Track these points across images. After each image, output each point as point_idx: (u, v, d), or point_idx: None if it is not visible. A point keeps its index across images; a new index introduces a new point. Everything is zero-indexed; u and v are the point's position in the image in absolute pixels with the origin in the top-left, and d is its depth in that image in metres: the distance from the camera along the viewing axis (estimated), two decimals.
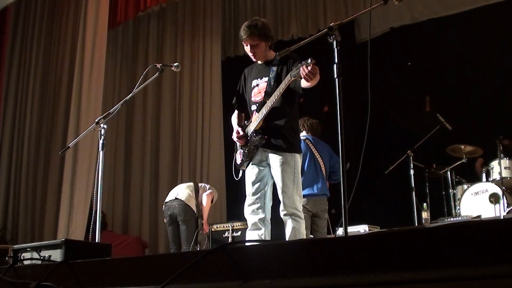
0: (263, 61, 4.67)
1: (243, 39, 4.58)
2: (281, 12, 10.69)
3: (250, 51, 4.62)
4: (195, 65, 10.58)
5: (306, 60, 3.95)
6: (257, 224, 4.45)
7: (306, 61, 3.94)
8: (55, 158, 8.44)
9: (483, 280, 1.31)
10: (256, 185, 4.51)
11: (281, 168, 4.37)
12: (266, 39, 4.59)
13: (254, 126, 4.51)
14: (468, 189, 6.89)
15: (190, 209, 7.41)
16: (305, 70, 3.92)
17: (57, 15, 9.33)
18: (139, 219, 10.22)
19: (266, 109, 4.41)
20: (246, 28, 4.54)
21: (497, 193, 6.55)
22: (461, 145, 7.43)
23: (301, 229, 4.37)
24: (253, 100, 4.61)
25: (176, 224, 7.48)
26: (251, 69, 4.80)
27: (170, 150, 10.36)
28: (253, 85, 4.66)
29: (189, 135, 10.36)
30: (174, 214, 7.42)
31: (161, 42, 10.80)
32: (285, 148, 4.42)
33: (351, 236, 1.70)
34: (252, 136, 4.51)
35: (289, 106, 4.50)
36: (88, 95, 8.47)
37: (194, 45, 10.64)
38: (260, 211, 4.46)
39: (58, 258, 3.41)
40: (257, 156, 4.52)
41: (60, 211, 8.01)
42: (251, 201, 4.50)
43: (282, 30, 10.50)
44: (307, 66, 3.91)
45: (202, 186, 7.85)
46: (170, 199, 7.57)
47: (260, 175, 4.52)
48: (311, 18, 10.20)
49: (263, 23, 4.60)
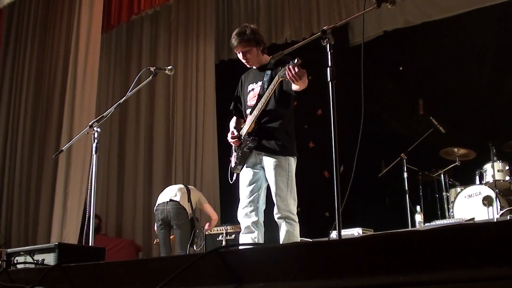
0: (257, 66, 4.69)
1: (234, 47, 4.63)
2: (274, 15, 10.69)
3: (243, 58, 4.65)
4: (188, 68, 10.57)
5: (292, 60, 3.96)
6: (250, 227, 4.45)
7: (293, 61, 3.95)
8: (49, 162, 8.41)
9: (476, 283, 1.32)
10: (250, 188, 4.51)
11: (275, 171, 4.37)
12: (257, 44, 4.61)
13: (247, 128, 4.52)
14: (462, 191, 6.90)
15: (184, 211, 7.35)
16: (290, 70, 3.93)
17: (51, 18, 9.31)
18: (133, 223, 10.19)
19: (257, 111, 4.43)
20: (236, 36, 4.58)
21: (490, 195, 6.56)
22: (454, 148, 7.43)
23: (295, 232, 4.36)
24: (248, 104, 4.63)
25: (169, 228, 7.42)
26: (247, 75, 4.82)
27: (164, 154, 10.34)
28: (249, 89, 4.68)
29: (182, 138, 10.34)
30: (167, 217, 7.31)
31: (155, 45, 10.78)
32: (279, 151, 4.42)
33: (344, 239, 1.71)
34: (245, 138, 4.52)
35: (283, 108, 4.50)
36: (82, 99, 8.45)
37: (188, 48, 10.63)
38: (253, 214, 4.46)
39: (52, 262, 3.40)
40: (251, 159, 4.53)
41: (54, 215, 7.99)
42: (244, 204, 4.50)
43: (276, 34, 10.50)
44: (293, 66, 3.92)
45: (191, 188, 7.79)
46: (163, 202, 7.45)
47: (254, 178, 4.52)
48: (305, 22, 10.21)
49: (252, 29, 4.63)
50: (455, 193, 7.04)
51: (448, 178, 7.48)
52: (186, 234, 7.33)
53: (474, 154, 7.46)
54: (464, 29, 8.76)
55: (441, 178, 7.51)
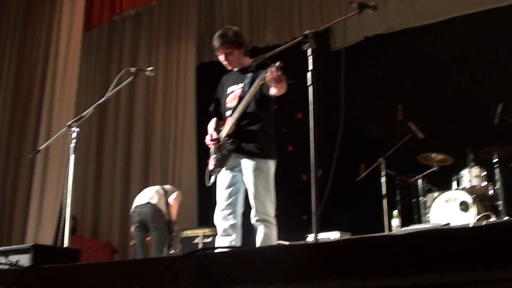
0: (238, 68, 4.69)
1: (216, 49, 4.63)
2: (257, 18, 10.70)
3: (224, 60, 4.65)
4: (169, 69, 10.54)
5: (274, 64, 3.97)
6: (228, 230, 4.42)
7: (274, 64, 3.96)
8: (26, 161, 8.31)
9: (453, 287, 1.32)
10: (228, 190, 4.49)
11: (253, 174, 4.36)
12: (239, 47, 4.61)
13: (227, 131, 4.51)
14: (438, 197, 6.94)
15: (162, 214, 7.31)
16: (271, 74, 3.94)
17: (31, 17, 9.20)
18: (109, 224, 10.12)
19: (238, 113, 4.42)
20: (218, 38, 4.58)
21: (466, 201, 6.62)
22: (432, 153, 7.48)
23: (272, 236, 4.35)
24: (228, 106, 4.62)
25: (145, 230, 7.38)
26: (228, 77, 4.81)
27: (142, 155, 10.29)
28: (229, 91, 4.67)
29: (161, 140, 10.30)
30: (145, 220, 7.29)
31: (136, 46, 10.73)
32: (258, 153, 4.41)
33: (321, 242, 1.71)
34: (225, 140, 4.50)
35: (263, 111, 4.50)
36: (61, 98, 8.38)
37: (169, 49, 10.60)
38: (231, 217, 4.44)
39: (27, 263, 3.36)
40: (230, 161, 4.51)
41: (29, 215, 7.90)
42: (222, 207, 4.48)
43: (258, 37, 10.50)
44: (274, 69, 3.93)
45: (168, 189, 7.74)
46: (140, 203, 7.41)
47: (233, 181, 4.50)
48: (287, 26, 10.23)
49: (234, 31, 4.63)
50: (432, 198, 7.09)
51: (425, 183, 7.54)
52: (163, 237, 7.30)
53: (451, 160, 7.52)
54: (444, 36, 8.84)
55: (418, 183, 7.56)
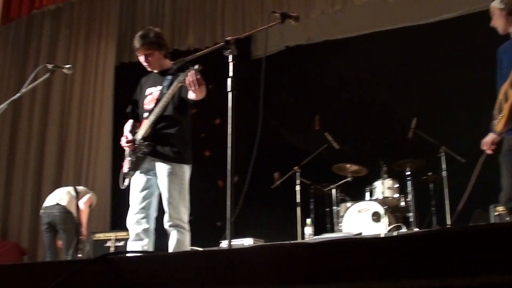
0: (158, 70, 4.64)
1: (137, 49, 4.57)
2: (179, 20, 10.62)
3: (145, 61, 4.60)
4: (87, 68, 10.31)
5: (193, 66, 3.97)
6: (140, 234, 4.36)
7: (193, 67, 3.96)
8: None
9: None
10: (142, 194, 4.43)
11: (168, 178, 4.33)
12: (160, 48, 4.57)
13: (143, 133, 4.45)
14: (351, 207, 7.10)
15: (71, 216, 7.14)
16: (190, 76, 3.94)
17: None
18: (19, 225, 9.78)
19: (154, 116, 4.37)
20: (139, 38, 4.53)
21: (379, 212, 6.80)
22: (347, 164, 7.65)
23: (186, 241, 4.33)
24: (145, 108, 4.56)
25: (54, 232, 7.19)
26: (147, 78, 4.75)
27: (56, 156, 10.00)
28: (147, 93, 4.61)
29: (76, 140, 10.05)
30: (53, 222, 7.11)
31: (55, 42, 10.43)
32: (174, 158, 4.37)
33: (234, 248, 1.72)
34: (140, 143, 4.44)
35: (180, 115, 4.47)
36: None
37: (88, 47, 10.37)
38: (144, 221, 4.38)
39: None
40: (145, 164, 4.45)
41: None
42: (135, 211, 4.41)
43: (179, 39, 10.43)
44: (194, 72, 3.93)
45: (81, 190, 7.58)
46: (50, 205, 7.21)
47: (147, 184, 4.45)
48: (209, 30, 10.22)
49: (156, 32, 4.59)
50: (345, 208, 7.24)
51: (339, 193, 7.69)
52: (72, 238, 7.15)
53: (365, 171, 7.72)
54: (363, 50, 9.04)
55: (332, 192, 7.71)
